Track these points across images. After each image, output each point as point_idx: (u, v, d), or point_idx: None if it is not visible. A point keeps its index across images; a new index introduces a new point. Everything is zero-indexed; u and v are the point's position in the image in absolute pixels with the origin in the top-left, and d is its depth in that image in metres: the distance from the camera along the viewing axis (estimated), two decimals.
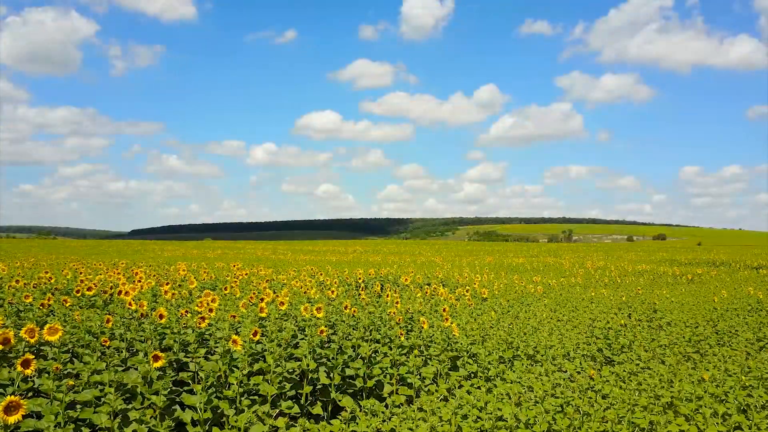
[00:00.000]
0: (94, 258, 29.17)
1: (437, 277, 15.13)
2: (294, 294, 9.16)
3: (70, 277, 11.42)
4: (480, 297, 11.45)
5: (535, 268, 23.71)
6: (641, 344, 7.92)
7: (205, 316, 6.21)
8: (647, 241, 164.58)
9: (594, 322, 9.68)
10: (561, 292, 13.48)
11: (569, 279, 18.12)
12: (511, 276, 18.34)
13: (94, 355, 4.94)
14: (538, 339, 7.56)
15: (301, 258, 33.02)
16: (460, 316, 8.55)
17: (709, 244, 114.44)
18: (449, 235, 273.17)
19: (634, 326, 8.99)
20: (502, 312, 9.71)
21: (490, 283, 14.26)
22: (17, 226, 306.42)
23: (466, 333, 7.41)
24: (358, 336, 6.14)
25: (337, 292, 10.35)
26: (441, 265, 24.57)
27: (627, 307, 11.06)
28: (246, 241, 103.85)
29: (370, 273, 14.42)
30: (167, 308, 8.25)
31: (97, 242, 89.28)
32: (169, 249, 52.57)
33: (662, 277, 20.90)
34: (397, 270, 18.02)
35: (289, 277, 13.02)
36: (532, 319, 9.30)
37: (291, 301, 7.88)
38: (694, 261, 31.53)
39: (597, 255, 39.49)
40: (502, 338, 7.14)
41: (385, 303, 8.76)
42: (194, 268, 16.56)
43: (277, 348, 5.15)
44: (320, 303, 7.07)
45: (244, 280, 11.97)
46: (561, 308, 10.92)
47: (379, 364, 5.79)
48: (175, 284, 11.32)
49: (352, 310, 6.69)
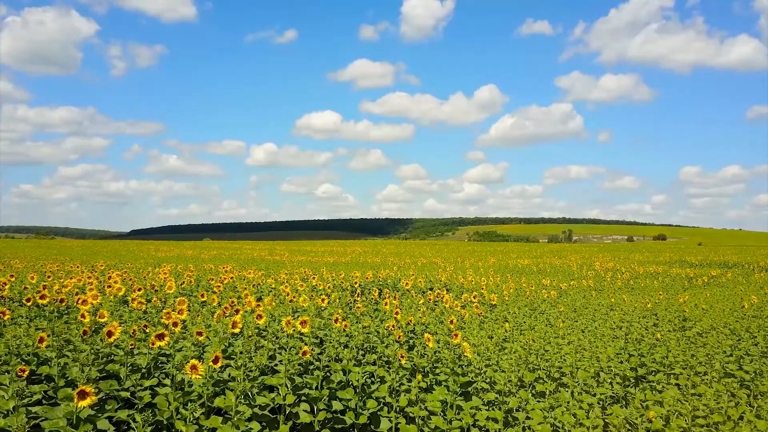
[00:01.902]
0: (87, 258, 28.09)
1: (440, 280, 14.04)
2: (280, 302, 8.07)
3: (36, 281, 10.33)
4: (488, 303, 10.37)
5: (542, 270, 22.62)
6: (676, 359, 6.85)
7: (166, 332, 5.13)
8: (648, 241, 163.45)
9: (617, 331, 8.61)
10: (575, 297, 12.39)
11: (580, 282, 17.04)
12: (518, 279, 17.26)
13: (9, 388, 3.85)
14: (560, 355, 6.48)
15: (298, 259, 31.92)
16: (470, 328, 7.46)
17: (710, 244, 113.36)
18: (449, 235, 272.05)
19: (667, 338, 7.90)
20: (516, 322, 8.63)
21: (497, 287, 13.17)
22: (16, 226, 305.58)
23: (478, 350, 6.32)
24: (349, 357, 5.05)
25: (328, 300, 9.26)
26: (443, 267, 23.48)
27: (651, 314, 9.98)
28: (243, 241, 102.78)
29: (367, 276, 13.33)
30: (134, 319, 7.18)
31: (93, 242, 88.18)
32: (164, 249, 51.51)
33: (677, 280, 19.81)
34: (398, 272, 16.93)
35: (279, 280, 11.93)
36: (550, 330, 8.22)
37: (273, 312, 6.79)
38: (704, 262, 30.45)
39: (603, 256, 38.39)
40: (520, 356, 6.06)
41: (383, 313, 7.67)
42: (179, 270, 15.47)
43: (244, 379, 4.05)
44: (306, 315, 5.99)
45: (228, 285, 10.88)
46: (579, 316, 9.84)
47: (374, 393, 4.71)
48: (151, 289, 10.25)
49: (343, 324, 5.60)
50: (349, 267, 22.35)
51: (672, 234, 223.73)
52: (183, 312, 6.09)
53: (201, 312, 7.61)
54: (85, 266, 15.83)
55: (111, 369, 4.45)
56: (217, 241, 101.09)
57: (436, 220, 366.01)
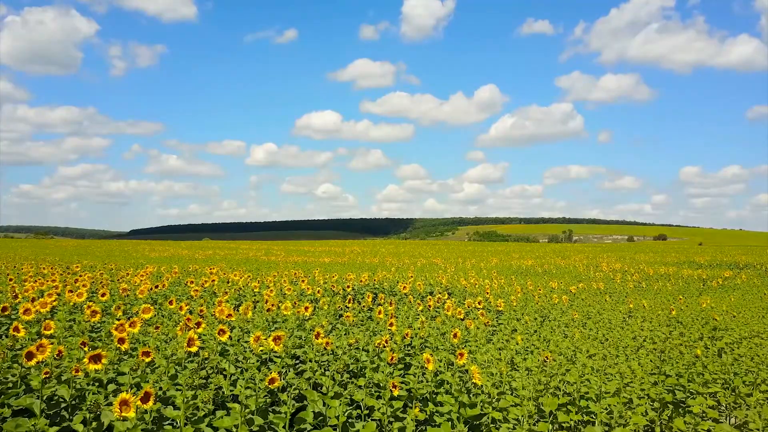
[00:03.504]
0: (77, 259, 27.10)
1: (440, 283, 13.04)
2: (260, 310, 7.08)
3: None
4: (495, 310, 9.38)
5: (547, 272, 21.62)
6: (714, 376, 5.87)
7: (104, 354, 4.15)
8: (650, 241, 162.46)
9: (641, 342, 7.62)
10: (588, 301, 11.40)
11: (589, 284, 16.03)
12: (523, 281, 16.26)
13: None
14: (583, 375, 5.49)
15: (293, 259, 30.94)
16: (476, 340, 6.47)
17: (711, 244, 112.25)
18: (449, 235, 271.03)
19: (698, 350, 6.90)
20: (527, 332, 7.64)
21: (503, 290, 12.18)
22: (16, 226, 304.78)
23: (488, 369, 5.33)
24: (329, 384, 4.06)
25: (314, 306, 8.27)
26: (443, 267, 22.49)
27: (677, 322, 8.98)
28: (241, 241, 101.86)
29: (363, 279, 12.34)
30: (84, 332, 6.19)
31: (89, 242, 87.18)
32: (159, 249, 50.54)
33: (689, 282, 18.82)
34: (395, 274, 15.94)
35: (265, 283, 10.94)
36: (566, 341, 7.23)
37: (249, 322, 5.79)
38: (713, 263, 29.44)
39: (608, 256, 37.38)
40: (538, 380, 5.07)
41: (377, 323, 6.68)
42: (162, 272, 14.49)
43: (185, 423, 3.06)
44: (284, 328, 5.00)
45: (208, 289, 9.89)
46: (595, 324, 8.85)
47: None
48: (122, 294, 9.26)
49: (324, 342, 4.61)
50: (346, 268, 21.37)
51: (672, 234, 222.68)
52: (136, 324, 5.12)
53: (166, 323, 6.63)
54: (62, 267, 14.84)
55: (19, 405, 3.45)
56: (214, 241, 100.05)
57: (436, 220, 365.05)
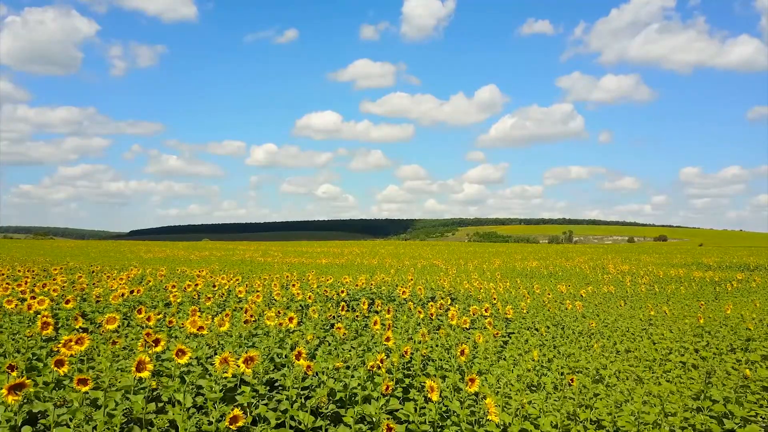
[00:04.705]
0: (72, 260, 26.27)
1: (442, 287, 12.20)
2: (237, 320, 6.24)
3: None
4: (503, 317, 8.55)
5: (553, 274, 20.77)
6: (760, 402, 5.03)
7: (28, 383, 3.33)
8: (652, 242, 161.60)
9: (666, 354, 6.79)
10: (602, 307, 10.55)
11: (599, 287, 15.20)
12: (529, 283, 15.43)
13: None
14: (611, 398, 4.65)
15: (289, 261, 30.11)
16: (486, 357, 5.63)
17: (711, 245, 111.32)
18: (449, 236, 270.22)
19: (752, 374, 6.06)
20: (541, 343, 6.80)
21: (509, 295, 11.33)
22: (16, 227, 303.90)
23: (504, 392, 4.49)
24: (307, 422, 3.21)
25: (303, 315, 7.45)
26: (445, 270, 21.64)
27: (704, 331, 8.14)
28: (238, 242, 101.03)
29: (359, 282, 11.50)
30: (30, 348, 5.36)
31: (86, 243, 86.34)
32: (155, 250, 49.73)
33: (703, 285, 17.97)
34: (395, 277, 15.10)
35: (253, 288, 10.11)
36: (584, 354, 6.39)
37: (210, 342, 4.95)
38: (722, 264, 28.60)
39: (612, 258, 36.52)
40: (565, 410, 4.23)
41: (371, 337, 5.84)
42: (146, 274, 13.66)
43: None
44: (255, 350, 4.16)
45: (188, 295, 9.05)
46: (613, 333, 8.02)
47: None
48: (93, 300, 8.43)
49: (305, 366, 3.76)
50: (343, 270, 20.53)
51: (672, 235, 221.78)
52: (84, 341, 4.30)
53: (132, 336, 5.80)
54: (41, 269, 14.00)
55: None
56: (212, 242, 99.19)
57: (436, 220, 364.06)
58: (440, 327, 7.07)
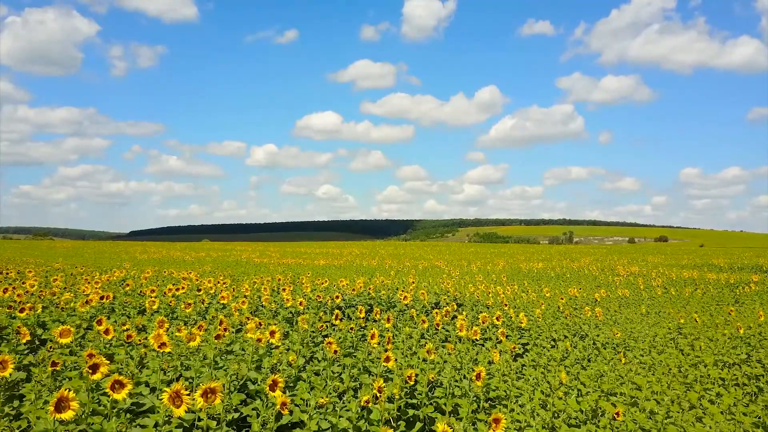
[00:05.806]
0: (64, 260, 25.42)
1: (447, 291, 11.32)
2: (211, 333, 5.35)
3: None
4: (517, 326, 7.67)
5: (561, 275, 19.88)
6: None
7: None
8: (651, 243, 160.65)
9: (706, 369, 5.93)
10: (623, 314, 9.67)
11: (613, 291, 14.32)
12: (537, 286, 14.54)
13: None
14: None
15: (287, 261, 29.23)
16: (506, 380, 4.75)
17: (712, 246, 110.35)
18: (449, 236, 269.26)
19: None
20: (564, 359, 5.92)
21: (520, 299, 10.45)
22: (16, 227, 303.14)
23: (524, 419, 3.61)
24: None
25: (291, 327, 6.58)
26: (447, 271, 20.75)
27: (743, 342, 7.26)
28: (236, 242, 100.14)
29: (356, 286, 10.62)
30: None
31: (83, 243, 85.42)
32: (151, 251, 48.86)
33: (719, 287, 17.08)
34: (395, 279, 14.22)
35: (241, 292, 9.24)
36: (608, 368, 5.51)
37: (174, 363, 4.07)
38: (734, 266, 27.72)
39: (618, 258, 35.61)
40: None
41: (367, 353, 4.97)
42: (131, 276, 12.79)
43: None
44: (218, 380, 3.29)
45: (166, 301, 8.17)
46: (638, 343, 7.14)
47: None
48: (60, 307, 7.56)
49: (281, 401, 2.89)
50: (341, 271, 19.65)
51: (673, 236, 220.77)
52: (7, 366, 3.49)
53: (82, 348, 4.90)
54: (15, 270, 13.12)
55: None
56: (212, 243, 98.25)
57: (436, 221, 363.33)
58: (447, 339, 6.20)
